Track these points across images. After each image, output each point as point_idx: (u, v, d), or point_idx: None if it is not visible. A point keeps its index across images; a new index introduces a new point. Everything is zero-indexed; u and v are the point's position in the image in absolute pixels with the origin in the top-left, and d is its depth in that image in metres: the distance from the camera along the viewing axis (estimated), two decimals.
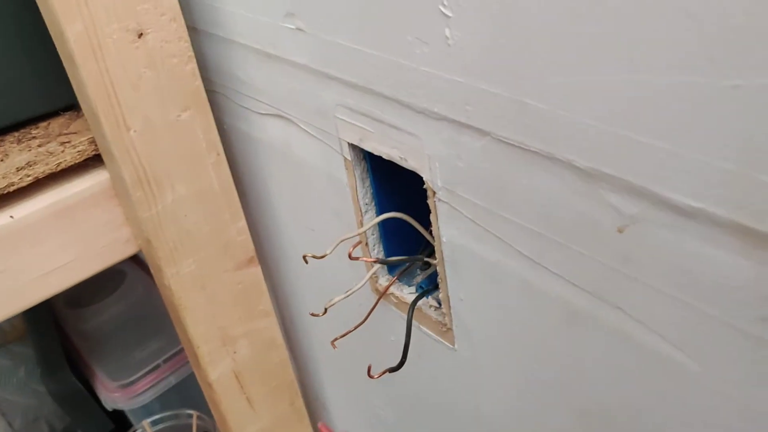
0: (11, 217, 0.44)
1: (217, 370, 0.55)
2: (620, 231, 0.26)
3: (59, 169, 0.46)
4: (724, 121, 0.20)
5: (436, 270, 0.41)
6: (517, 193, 0.29)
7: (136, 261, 1.03)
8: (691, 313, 0.25)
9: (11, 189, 0.44)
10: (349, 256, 0.36)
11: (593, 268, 0.28)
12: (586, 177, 0.26)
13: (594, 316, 0.29)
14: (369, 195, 0.42)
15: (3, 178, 0.44)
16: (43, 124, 0.50)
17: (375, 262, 0.41)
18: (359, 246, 0.43)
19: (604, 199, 0.26)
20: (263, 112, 0.46)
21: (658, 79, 0.21)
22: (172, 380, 0.82)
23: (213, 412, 0.60)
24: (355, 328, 0.44)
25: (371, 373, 0.39)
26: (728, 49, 0.19)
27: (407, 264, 0.44)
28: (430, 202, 0.35)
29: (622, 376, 0.29)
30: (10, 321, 0.97)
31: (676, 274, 0.24)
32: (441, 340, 0.41)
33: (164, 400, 0.84)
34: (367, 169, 0.41)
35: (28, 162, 0.45)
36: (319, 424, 0.34)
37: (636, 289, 0.26)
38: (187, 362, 0.83)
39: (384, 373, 0.39)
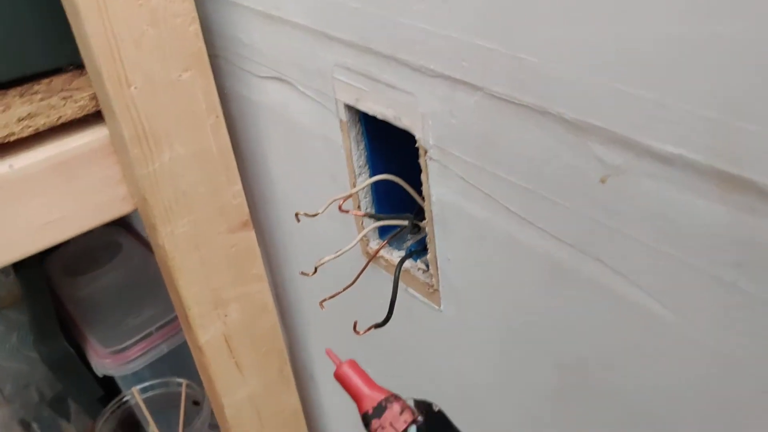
0: (10, 166, 0.45)
1: (207, 333, 0.56)
2: (603, 181, 0.27)
3: (60, 122, 0.46)
4: (707, 70, 0.21)
5: (425, 235, 0.42)
6: (507, 149, 0.30)
7: (133, 233, 1.04)
8: (668, 262, 0.26)
9: (11, 139, 0.45)
10: (339, 209, 0.36)
11: (577, 221, 0.29)
12: (574, 130, 0.26)
13: (575, 270, 0.30)
14: (363, 158, 0.43)
15: (4, 127, 0.44)
16: (46, 80, 0.51)
17: (365, 216, 0.42)
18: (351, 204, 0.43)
19: (591, 151, 0.26)
20: (263, 75, 0.47)
21: (646, 30, 0.22)
22: (164, 348, 0.83)
23: (201, 375, 0.61)
24: (345, 289, 0.44)
25: (357, 328, 0.40)
26: None
27: (398, 228, 0.45)
28: (421, 161, 0.36)
29: (600, 329, 0.30)
30: (5, 286, 0.98)
31: (655, 223, 0.25)
32: (427, 301, 0.42)
33: (155, 369, 0.85)
34: (362, 132, 0.42)
35: (30, 113, 0.45)
36: (326, 349, 0.34)
37: (616, 241, 0.27)
38: (180, 331, 0.84)
39: (370, 329, 0.40)
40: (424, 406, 0.29)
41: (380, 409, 0.29)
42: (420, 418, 0.29)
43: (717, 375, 0.26)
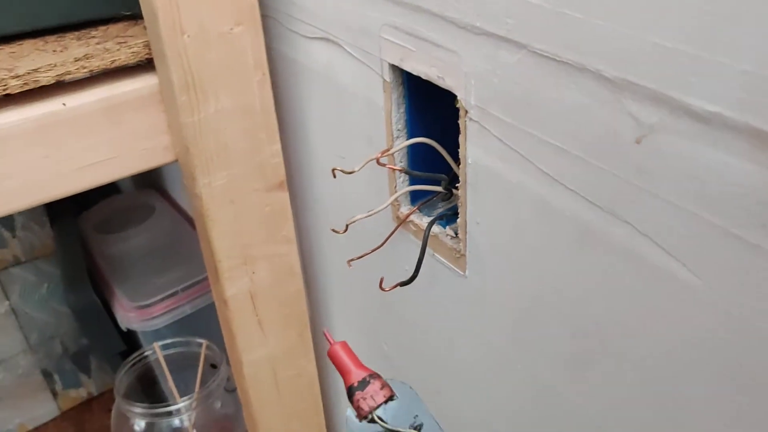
0: (63, 104, 0.47)
1: (234, 287, 0.57)
2: (638, 142, 0.27)
3: (113, 66, 0.48)
4: (745, 23, 0.22)
5: (455, 203, 0.42)
6: (545, 109, 0.31)
7: (167, 198, 1.06)
8: (696, 223, 0.26)
9: (67, 78, 0.47)
10: (377, 162, 0.37)
11: (608, 182, 0.29)
12: (611, 87, 0.27)
13: (604, 233, 0.30)
14: (402, 121, 0.44)
15: (61, 65, 0.46)
16: (103, 27, 0.53)
17: (400, 171, 0.43)
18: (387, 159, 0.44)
19: (626, 110, 0.27)
20: (311, 35, 0.48)
21: None
22: (188, 309, 0.85)
23: (224, 330, 0.62)
24: (374, 250, 0.45)
25: (383, 285, 0.41)
26: None
27: (430, 195, 0.46)
28: (461, 122, 0.37)
29: (623, 294, 0.31)
30: (39, 237, 1.01)
31: (686, 182, 0.26)
32: (453, 266, 0.43)
33: (175, 330, 0.87)
34: (404, 95, 0.43)
35: (86, 55, 0.47)
36: (324, 331, 0.38)
37: (646, 202, 0.28)
38: (204, 294, 0.86)
39: (395, 286, 0.41)
40: (400, 386, 0.34)
41: (363, 384, 0.33)
42: (396, 395, 0.33)
43: (738, 343, 0.26)
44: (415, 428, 0.34)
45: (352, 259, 0.45)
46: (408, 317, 0.52)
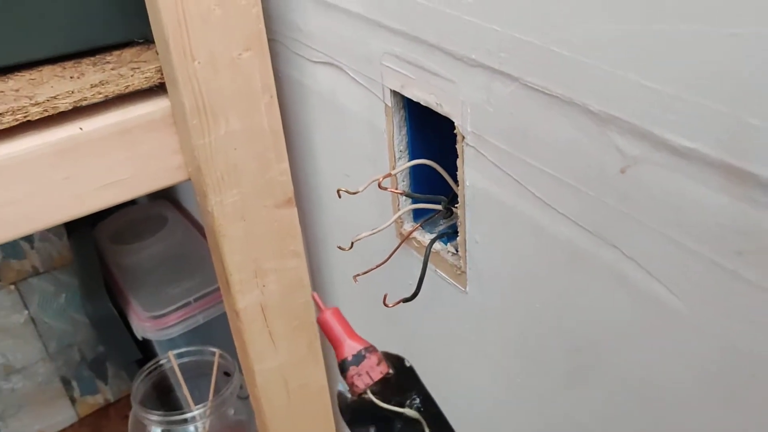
0: (80, 129, 0.49)
1: (245, 299, 0.59)
2: (623, 172, 0.29)
3: (127, 91, 0.50)
4: (722, 66, 0.23)
5: (455, 221, 0.44)
6: (537, 138, 0.32)
7: (180, 209, 1.08)
8: (678, 249, 0.28)
9: (83, 103, 0.49)
10: (379, 186, 0.39)
11: (596, 208, 0.31)
12: (597, 120, 0.29)
13: (593, 255, 0.32)
14: (404, 143, 0.45)
15: (78, 92, 0.48)
16: (117, 52, 0.55)
17: (401, 194, 0.44)
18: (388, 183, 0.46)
19: (612, 142, 0.29)
20: (316, 60, 0.50)
21: (669, 27, 0.24)
22: (200, 319, 0.87)
23: (236, 340, 0.64)
24: (378, 266, 0.47)
25: (386, 301, 0.43)
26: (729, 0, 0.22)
27: (432, 213, 0.47)
28: (458, 146, 0.38)
29: (614, 314, 0.32)
30: (57, 248, 1.03)
31: (667, 211, 0.27)
32: (454, 282, 0.44)
33: (189, 339, 0.89)
34: (405, 118, 0.44)
35: (101, 81, 0.49)
36: (312, 294, 0.35)
37: (631, 228, 0.29)
38: (216, 304, 0.88)
39: (398, 302, 0.43)
40: (396, 360, 0.30)
41: (359, 358, 0.30)
42: (391, 371, 0.30)
43: (719, 362, 0.28)
44: (411, 408, 0.31)
45: (357, 275, 0.47)
46: (412, 331, 0.53)
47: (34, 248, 1.02)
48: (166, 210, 1.07)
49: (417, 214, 0.49)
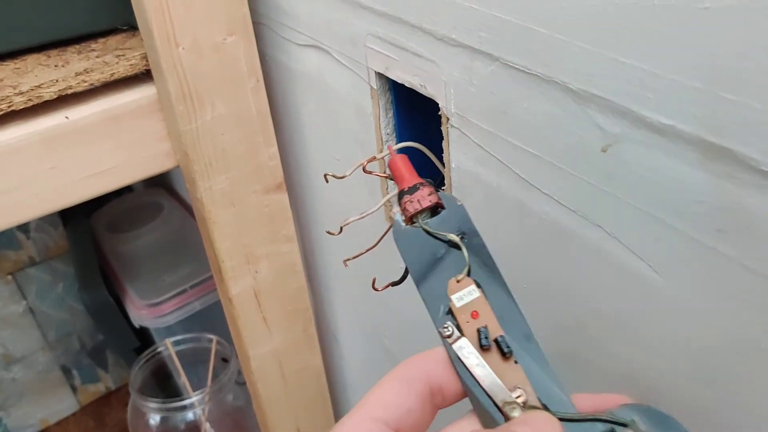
0: (66, 117, 0.49)
1: (238, 286, 0.59)
2: (604, 150, 0.28)
3: (112, 78, 0.50)
4: (695, 41, 0.23)
5: None
6: (519, 117, 0.32)
7: (175, 196, 1.08)
8: (659, 226, 0.27)
9: (69, 92, 0.48)
10: (363, 169, 0.39)
11: (579, 188, 0.31)
12: (577, 98, 0.28)
13: (578, 235, 0.32)
14: (391, 125, 0.45)
15: (63, 80, 0.48)
16: (102, 39, 0.55)
17: (387, 177, 0.44)
18: (376, 167, 0.46)
19: (592, 120, 0.28)
20: (302, 43, 0.50)
21: (643, 2, 0.24)
22: (197, 306, 0.87)
23: (230, 327, 0.64)
24: (368, 250, 0.47)
25: (375, 285, 0.43)
26: None
27: None
28: (443, 128, 0.38)
29: (598, 291, 0.32)
30: (53, 237, 1.03)
31: (648, 188, 0.27)
32: None
33: (186, 326, 0.90)
34: (391, 101, 0.44)
35: (86, 69, 0.49)
36: (387, 145, 0.38)
37: (614, 206, 0.29)
38: (212, 290, 0.88)
39: (387, 286, 0.42)
40: (448, 199, 0.33)
41: (413, 189, 0.33)
42: (442, 202, 0.33)
43: (700, 339, 0.28)
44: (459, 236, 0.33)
45: (347, 259, 0.47)
46: (405, 313, 0.53)
47: (30, 238, 1.02)
48: (161, 198, 1.07)
49: None
